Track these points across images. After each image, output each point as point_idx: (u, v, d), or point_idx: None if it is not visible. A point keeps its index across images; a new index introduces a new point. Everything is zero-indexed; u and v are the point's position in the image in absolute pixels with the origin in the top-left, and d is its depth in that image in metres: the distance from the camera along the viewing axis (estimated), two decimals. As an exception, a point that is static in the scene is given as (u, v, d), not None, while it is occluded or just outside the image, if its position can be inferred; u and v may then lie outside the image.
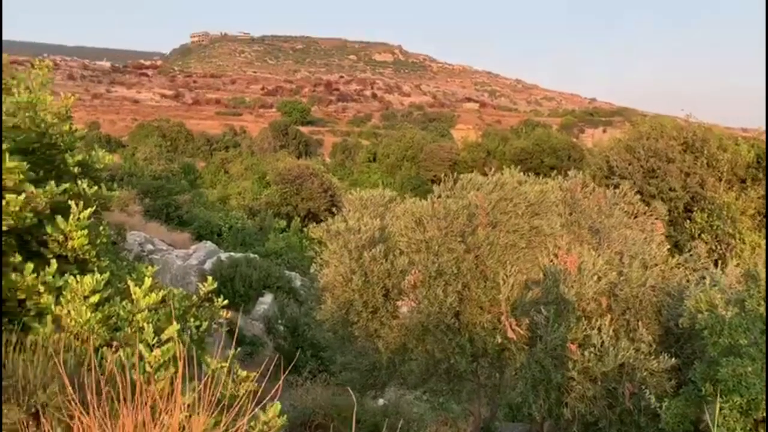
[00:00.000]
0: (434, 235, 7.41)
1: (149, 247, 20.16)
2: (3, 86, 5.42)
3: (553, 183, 9.07)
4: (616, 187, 10.10)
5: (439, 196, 7.85)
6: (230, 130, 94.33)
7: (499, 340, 7.32)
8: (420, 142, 64.77)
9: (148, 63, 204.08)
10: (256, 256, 22.75)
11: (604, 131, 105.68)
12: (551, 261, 7.73)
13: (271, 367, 3.86)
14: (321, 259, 7.89)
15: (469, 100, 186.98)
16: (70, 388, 2.78)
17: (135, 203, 26.69)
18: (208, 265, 20.45)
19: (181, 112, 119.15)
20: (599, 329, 6.95)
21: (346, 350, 8.09)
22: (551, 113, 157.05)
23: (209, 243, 24.31)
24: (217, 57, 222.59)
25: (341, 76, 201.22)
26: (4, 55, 5.82)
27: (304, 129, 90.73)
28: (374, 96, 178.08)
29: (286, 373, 4.06)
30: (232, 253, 22.41)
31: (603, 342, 6.90)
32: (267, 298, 19.41)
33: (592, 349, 6.96)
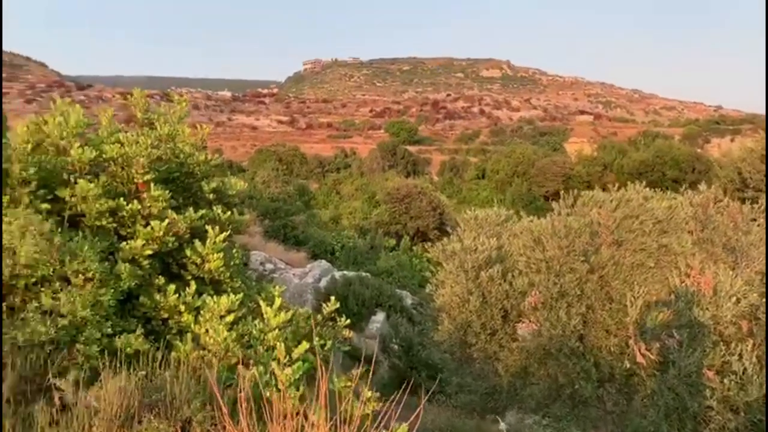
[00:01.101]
0: (555, 254, 7.18)
1: (269, 266, 21.05)
2: (147, 120, 5.90)
3: (681, 198, 8.53)
4: (753, 201, 9.33)
5: (559, 214, 7.62)
6: (341, 152, 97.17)
7: (628, 365, 6.94)
8: (531, 157, 63.29)
9: (265, 91, 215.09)
10: (367, 274, 23.13)
11: (732, 140, 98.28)
12: (682, 281, 7.26)
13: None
14: (436, 279, 7.88)
15: (582, 112, 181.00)
16: (220, 400, 2.93)
17: (255, 224, 28.03)
18: (323, 283, 21.03)
19: (295, 136, 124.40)
20: (740, 355, 6.42)
21: (464, 372, 7.99)
22: (672, 123, 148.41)
23: (324, 262, 25.03)
24: (329, 82, 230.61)
25: (448, 94, 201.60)
26: (139, 90, 6.31)
27: (411, 148, 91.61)
28: (482, 112, 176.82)
29: (406, 393, 4.05)
30: (345, 272, 22.93)
31: (745, 369, 6.36)
32: (379, 317, 19.65)
33: (732, 376, 6.44)
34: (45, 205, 4.84)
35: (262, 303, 4.54)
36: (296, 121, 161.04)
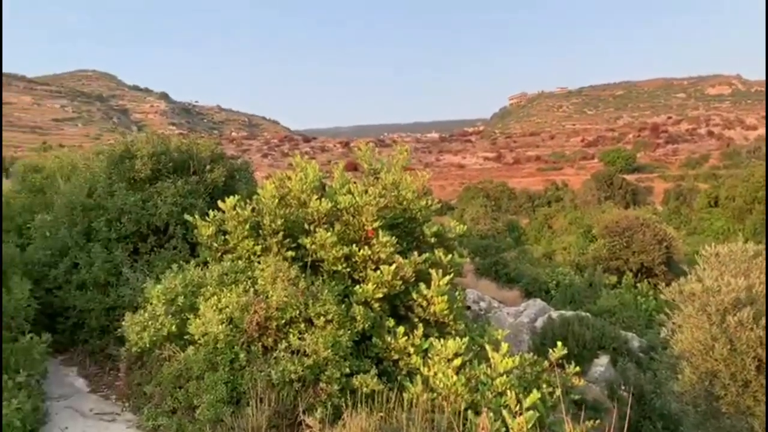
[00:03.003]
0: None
1: (483, 304, 20.97)
2: (372, 170, 6.30)
3: None
4: None
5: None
6: (552, 185, 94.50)
7: None
8: (774, 181, 55.53)
9: (471, 130, 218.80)
10: (587, 314, 21.90)
11: None
12: None
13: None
14: (673, 323, 7.17)
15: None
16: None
17: (467, 262, 28.15)
18: (539, 323, 20.34)
19: (502, 172, 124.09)
20: None
21: (710, 427, 7.10)
22: None
23: (539, 300, 24.25)
24: (536, 115, 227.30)
25: (669, 117, 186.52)
26: (365, 144, 6.75)
27: (629, 177, 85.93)
28: (710, 134, 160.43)
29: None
30: (562, 312, 21.98)
31: None
32: (602, 360, 18.39)
33: None
34: (290, 253, 5.39)
35: (488, 348, 4.52)
36: (503, 156, 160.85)
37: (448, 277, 5.08)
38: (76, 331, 6.11)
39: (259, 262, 5.31)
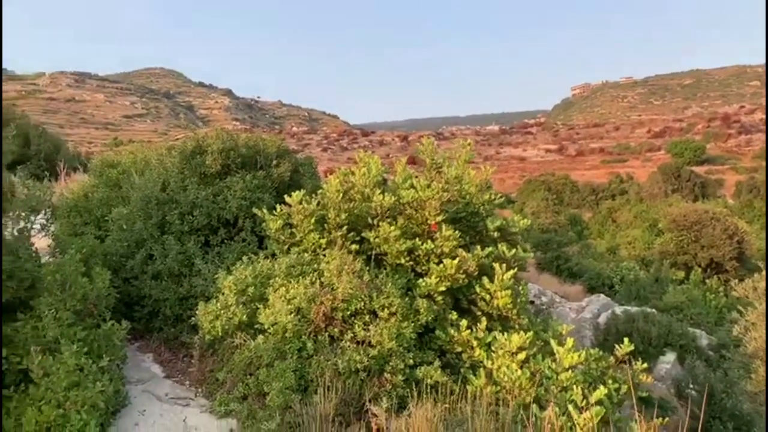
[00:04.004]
0: None
1: (544, 299, 20.69)
2: (434, 165, 6.33)
3: None
4: None
5: None
6: (616, 178, 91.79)
7: None
8: None
9: (532, 121, 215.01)
10: (653, 310, 21.29)
11: None
12: None
13: None
14: (746, 320, 6.92)
15: None
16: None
17: (531, 257, 27.82)
18: (602, 319, 19.90)
19: (565, 164, 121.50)
20: None
21: (786, 430, 6.83)
22: None
23: (602, 296, 23.70)
24: (599, 105, 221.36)
25: (742, 106, 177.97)
26: (428, 139, 6.78)
27: (698, 169, 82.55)
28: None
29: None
30: (627, 307, 21.43)
31: None
32: (669, 357, 17.85)
33: None
34: (354, 246, 5.50)
35: (553, 342, 4.51)
36: (565, 148, 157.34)
37: (511, 272, 5.07)
38: (151, 319, 6.41)
39: (324, 255, 5.44)
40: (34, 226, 5.21)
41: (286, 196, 5.77)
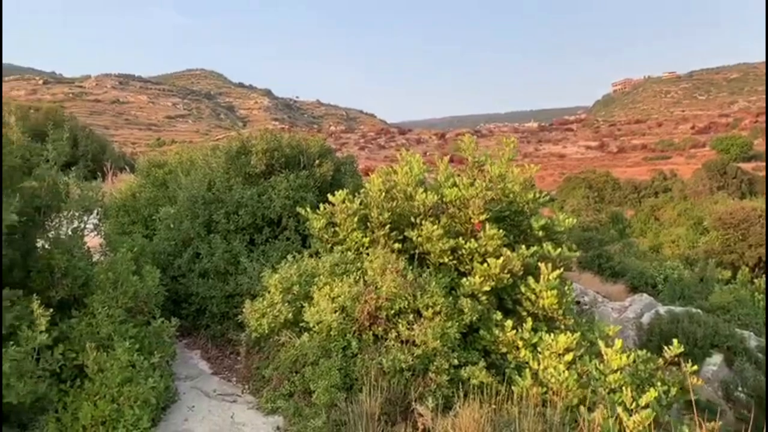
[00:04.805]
0: None
1: (586, 298, 20.37)
2: (476, 163, 6.29)
3: None
4: None
5: None
6: (659, 175, 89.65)
7: None
8: None
9: (572, 118, 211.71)
10: (698, 310, 20.77)
11: None
12: None
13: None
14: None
15: None
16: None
17: (576, 257, 27.50)
18: (645, 319, 19.50)
19: (606, 161, 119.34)
20: None
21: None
22: None
23: (645, 295, 23.22)
24: (641, 101, 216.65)
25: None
26: (469, 136, 6.72)
27: (745, 165, 79.95)
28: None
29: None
30: (671, 307, 20.95)
31: None
32: (715, 359, 17.40)
33: None
34: (397, 245, 5.51)
35: (600, 343, 4.44)
36: (606, 145, 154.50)
37: (558, 272, 5.01)
38: (198, 317, 6.55)
39: (367, 254, 5.47)
40: (87, 226, 5.38)
41: (329, 195, 5.81)
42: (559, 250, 5.39)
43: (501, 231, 5.30)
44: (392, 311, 4.90)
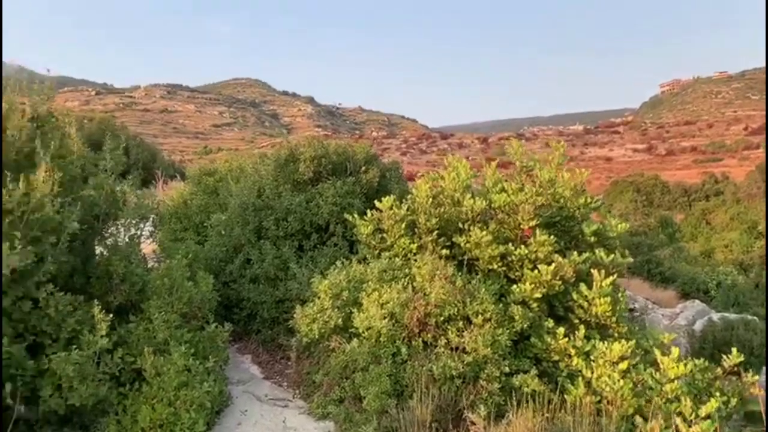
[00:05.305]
0: None
1: (636, 305, 19.88)
2: (525, 168, 6.22)
3: None
4: None
5: None
6: (710, 178, 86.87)
7: None
8: None
9: (618, 120, 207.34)
10: (754, 317, 20.05)
11: None
12: None
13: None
14: None
15: None
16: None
17: (630, 263, 26.91)
18: (698, 326, 18.92)
19: (654, 164, 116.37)
20: None
21: None
22: None
23: (697, 302, 22.53)
24: (691, 102, 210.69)
25: None
26: (517, 141, 6.65)
27: (804, 167, 76.84)
28: None
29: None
30: (725, 314, 20.28)
31: None
32: (776, 369, 16.76)
33: None
34: (445, 251, 5.50)
35: (657, 351, 4.33)
36: (654, 147, 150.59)
37: (611, 278, 4.92)
38: (249, 322, 6.66)
39: (415, 260, 5.48)
40: (142, 233, 5.54)
41: (375, 201, 5.85)
42: (612, 256, 5.30)
43: (552, 237, 5.24)
44: (441, 318, 4.89)
